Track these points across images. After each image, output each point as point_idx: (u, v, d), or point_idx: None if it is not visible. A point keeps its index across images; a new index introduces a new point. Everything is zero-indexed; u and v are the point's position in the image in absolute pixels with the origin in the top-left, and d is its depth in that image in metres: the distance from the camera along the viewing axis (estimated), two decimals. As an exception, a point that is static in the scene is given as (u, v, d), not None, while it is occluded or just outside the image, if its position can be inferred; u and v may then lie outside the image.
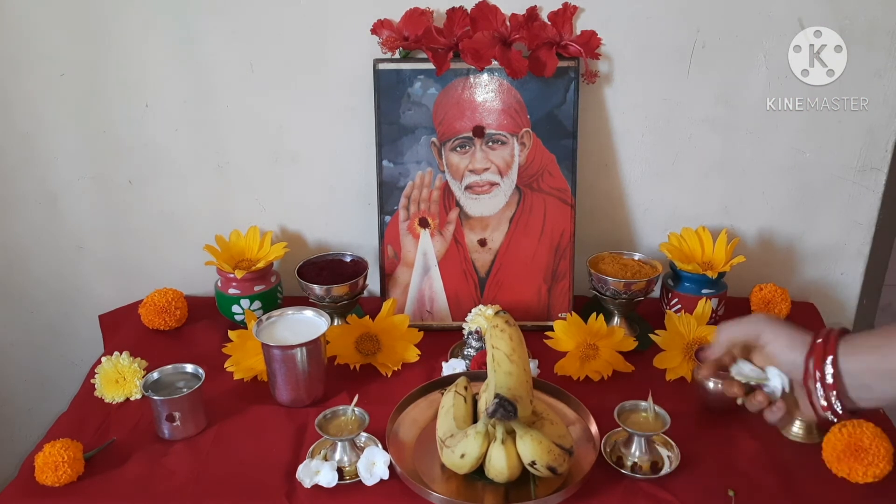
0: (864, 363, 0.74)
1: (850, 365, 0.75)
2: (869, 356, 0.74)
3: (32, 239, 1.38)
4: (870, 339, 0.75)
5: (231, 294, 1.22)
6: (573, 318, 1.16)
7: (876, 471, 0.90)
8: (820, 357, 0.76)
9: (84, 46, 1.22)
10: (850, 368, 0.75)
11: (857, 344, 0.75)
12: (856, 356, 0.75)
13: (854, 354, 0.75)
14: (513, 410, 0.86)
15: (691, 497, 0.90)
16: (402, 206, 1.24)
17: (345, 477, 0.92)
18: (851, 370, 0.75)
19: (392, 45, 1.17)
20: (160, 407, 0.99)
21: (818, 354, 0.76)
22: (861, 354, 0.75)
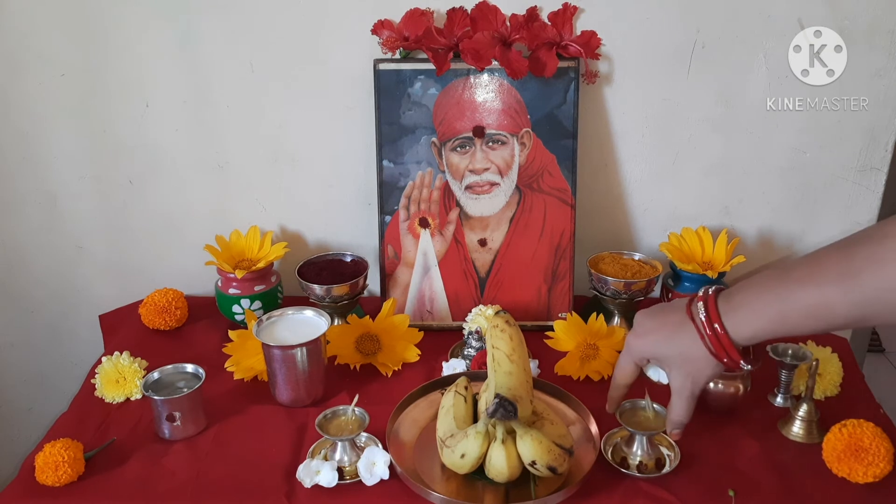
0: (762, 329, 0.74)
1: (745, 333, 0.75)
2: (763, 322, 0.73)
3: (32, 239, 1.38)
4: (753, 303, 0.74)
5: (231, 294, 1.22)
6: (573, 318, 1.16)
7: (876, 471, 0.90)
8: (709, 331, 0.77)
9: (84, 46, 1.22)
10: (747, 335, 0.75)
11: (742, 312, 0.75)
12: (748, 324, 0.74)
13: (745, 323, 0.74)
14: (513, 410, 0.86)
15: (691, 497, 0.90)
16: (403, 206, 1.24)
17: (345, 477, 0.92)
18: (750, 336, 0.75)
19: (392, 45, 1.17)
20: (160, 407, 0.99)
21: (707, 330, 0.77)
22: (753, 321, 0.74)
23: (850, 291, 0.64)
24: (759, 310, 0.72)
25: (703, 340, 0.76)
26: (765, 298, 0.72)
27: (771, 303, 0.71)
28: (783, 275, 0.71)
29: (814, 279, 0.67)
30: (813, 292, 0.67)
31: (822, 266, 0.67)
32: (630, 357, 0.86)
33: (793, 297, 0.69)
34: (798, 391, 1.07)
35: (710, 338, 0.76)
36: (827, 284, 0.66)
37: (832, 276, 0.65)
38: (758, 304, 0.73)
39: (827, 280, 0.66)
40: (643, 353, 0.84)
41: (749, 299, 0.74)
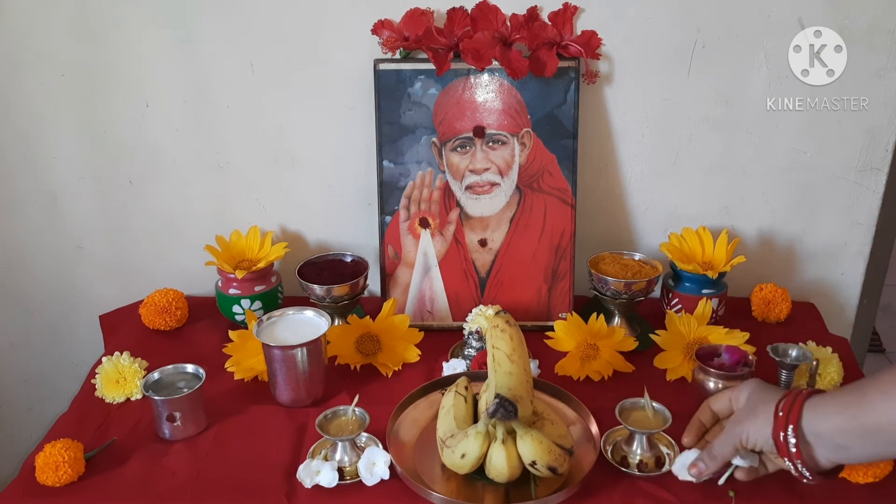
0: (834, 424, 0.75)
1: (819, 428, 0.76)
2: (837, 417, 0.75)
3: (32, 239, 1.38)
4: (837, 399, 0.76)
5: (231, 294, 1.22)
6: (573, 319, 1.16)
7: (876, 471, 0.90)
8: (782, 427, 0.77)
9: (84, 46, 1.22)
10: (819, 431, 0.76)
11: (824, 406, 0.76)
12: (824, 418, 0.76)
13: (822, 417, 0.76)
14: (513, 410, 0.86)
15: (691, 497, 0.90)
16: (403, 206, 1.24)
17: (345, 477, 0.92)
18: (821, 433, 0.76)
19: (392, 45, 1.17)
20: (160, 407, 0.99)
21: (781, 425, 0.78)
22: (829, 416, 0.75)
23: None
24: (840, 404, 0.74)
25: (777, 436, 0.78)
26: (849, 398, 0.75)
27: (853, 403, 0.74)
28: (870, 383, 0.74)
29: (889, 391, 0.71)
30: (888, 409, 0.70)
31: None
32: (734, 392, 0.87)
33: (876, 402, 0.71)
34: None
35: (784, 399, 0.78)
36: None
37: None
38: (840, 399, 0.75)
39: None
40: (742, 393, 0.85)
41: (834, 395, 0.76)
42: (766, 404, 0.80)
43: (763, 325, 1.26)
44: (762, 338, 1.15)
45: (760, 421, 0.80)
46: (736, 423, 0.83)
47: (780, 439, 0.78)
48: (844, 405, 0.74)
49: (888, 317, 2.46)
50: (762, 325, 1.26)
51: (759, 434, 0.80)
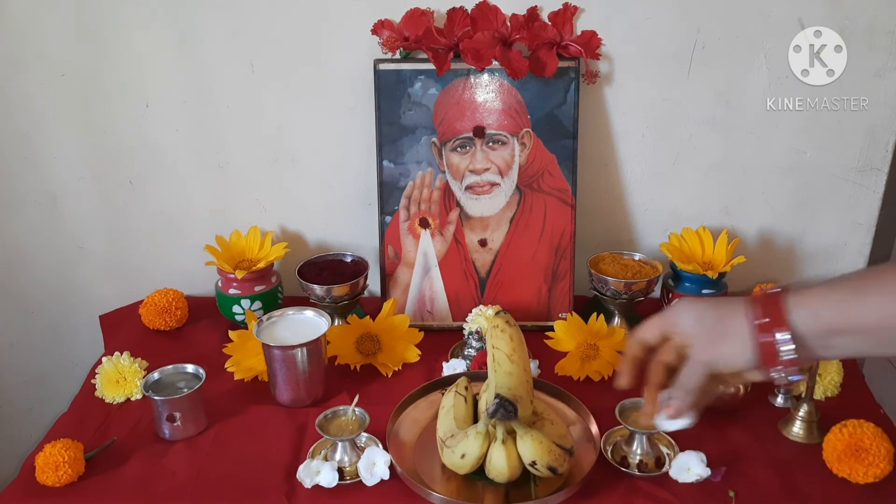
0: (829, 323, 0.67)
1: (813, 328, 0.67)
2: (833, 316, 0.67)
3: (32, 239, 1.38)
4: (827, 296, 0.68)
5: (231, 294, 1.22)
6: (573, 319, 1.16)
7: (876, 471, 0.90)
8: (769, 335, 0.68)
9: (84, 46, 1.22)
10: (813, 332, 0.67)
11: (813, 304, 0.67)
12: (816, 318, 0.67)
13: (813, 316, 0.67)
14: (513, 410, 0.86)
15: (691, 497, 0.90)
16: (403, 207, 1.24)
17: (345, 477, 0.92)
18: (816, 333, 0.67)
19: (392, 45, 1.17)
20: (160, 407, 0.99)
21: (768, 332, 0.68)
22: (823, 316, 0.67)
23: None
24: (827, 296, 0.67)
25: (754, 308, 0.68)
26: (835, 282, 0.67)
27: (841, 284, 0.67)
28: (858, 279, 0.68)
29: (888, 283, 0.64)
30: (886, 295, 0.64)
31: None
32: (666, 318, 0.76)
33: (869, 279, 0.66)
34: (798, 391, 1.07)
35: (759, 301, 0.68)
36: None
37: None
38: (828, 286, 0.67)
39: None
40: (682, 318, 0.74)
41: (820, 283, 0.68)
42: (731, 319, 0.70)
43: (763, 325, 1.26)
44: (762, 338, 1.15)
45: (733, 339, 0.70)
46: (702, 350, 0.72)
47: (768, 349, 0.68)
48: (840, 303, 0.66)
49: (888, 317, 2.45)
50: (762, 325, 1.26)
51: (736, 354, 0.70)
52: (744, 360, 0.71)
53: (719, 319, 0.72)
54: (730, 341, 0.70)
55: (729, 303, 0.72)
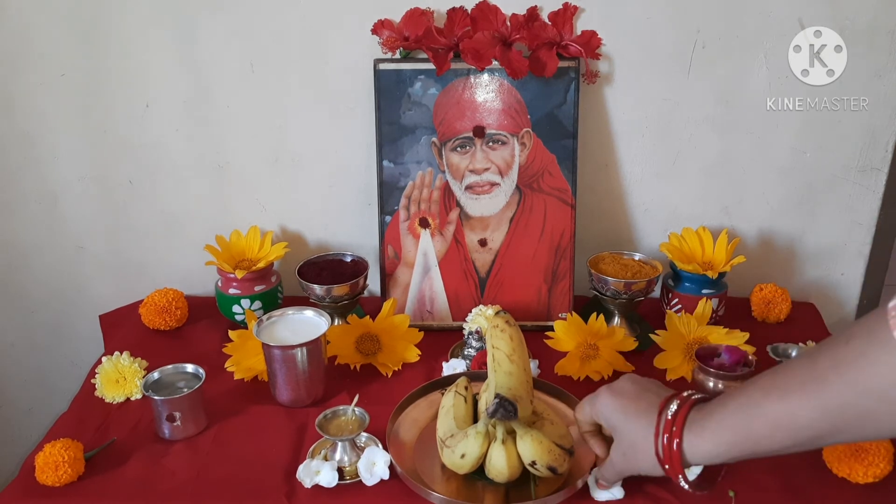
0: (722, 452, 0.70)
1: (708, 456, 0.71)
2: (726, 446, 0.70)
3: (32, 239, 1.38)
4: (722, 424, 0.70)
5: (231, 294, 1.22)
6: (573, 319, 1.16)
7: (876, 471, 0.90)
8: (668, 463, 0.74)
9: (84, 46, 1.22)
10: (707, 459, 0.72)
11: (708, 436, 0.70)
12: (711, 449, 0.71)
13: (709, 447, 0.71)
14: (513, 410, 0.86)
15: (691, 497, 0.90)
16: (403, 206, 1.24)
17: (345, 477, 0.92)
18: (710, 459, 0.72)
19: (392, 45, 1.17)
20: (160, 407, 0.99)
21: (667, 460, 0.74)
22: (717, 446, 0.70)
23: (814, 398, 0.60)
24: (723, 420, 0.69)
25: (657, 444, 0.73)
26: (730, 408, 0.68)
27: (734, 412, 0.68)
28: (749, 386, 0.67)
29: (777, 387, 0.63)
30: (776, 402, 0.63)
31: (788, 374, 0.63)
32: (591, 408, 0.83)
33: (756, 408, 0.65)
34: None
35: (664, 448, 0.73)
36: (791, 392, 0.61)
37: (796, 383, 0.61)
38: (723, 415, 0.69)
39: (791, 388, 0.62)
40: (604, 413, 0.81)
41: (716, 410, 0.70)
42: (641, 444, 0.76)
43: (763, 325, 1.26)
44: (762, 338, 1.15)
45: (644, 461, 0.77)
46: (618, 460, 0.81)
47: (675, 480, 0.75)
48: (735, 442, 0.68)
49: (888, 317, 2.45)
50: (762, 325, 1.26)
51: (648, 470, 0.78)
52: (653, 474, 0.78)
53: (634, 435, 0.77)
54: (642, 462, 0.77)
55: (642, 414, 0.77)
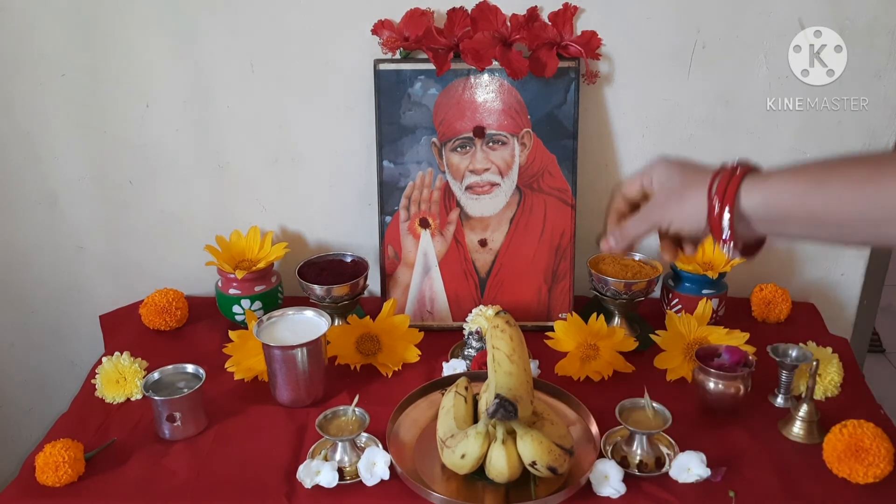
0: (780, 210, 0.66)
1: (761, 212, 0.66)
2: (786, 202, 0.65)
3: (32, 239, 1.38)
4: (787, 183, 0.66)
5: (231, 294, 1.22)
6: (573, 319, 1.16)
7: (877, 471, 0.90)
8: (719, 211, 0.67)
9: (84, 46, 1.22)
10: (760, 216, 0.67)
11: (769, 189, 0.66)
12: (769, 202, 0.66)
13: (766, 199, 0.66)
14: (513, 411, 0.86)
15: (691, 497, 0.90)
16: (403, 207, 1.24)
17: (345, 477, 0.92)
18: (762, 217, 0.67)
19: (392, 45, 1.17)
20: (161, 407, 0.99)
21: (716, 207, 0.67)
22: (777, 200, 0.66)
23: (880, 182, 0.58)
24: (794, 173, 0.65)
25: (714, 178, 0.68)
26: (803, 168, 0.65)
27: (807, 168, 0.65)
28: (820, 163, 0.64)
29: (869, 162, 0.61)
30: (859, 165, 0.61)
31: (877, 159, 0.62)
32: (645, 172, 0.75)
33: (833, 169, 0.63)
34: (798, 392, 1.07)
35: (721, 182, 0.67)
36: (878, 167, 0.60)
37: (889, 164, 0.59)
38: (793, 170, 0.65)
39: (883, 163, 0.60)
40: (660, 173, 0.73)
41: (787, 168, 0.66)
42: (692, 188, 0.70)
43: (763, 325, 1.26)
44: (762, 338, 1.15)
45: (689, 206, 0.70)
46: (657, 206, 0.73)
47: (716, 225, 0.68)
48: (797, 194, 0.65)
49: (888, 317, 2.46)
50: (762, 325, 1.26)
51: (687, 219, 0.71)
52: (694, 228, 0.71)
53: (683, 185, 0.71)
54: (686, 207, 0.71)
55: (697, 172, 0.71)
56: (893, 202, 0.60)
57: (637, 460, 0.94)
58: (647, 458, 0.94)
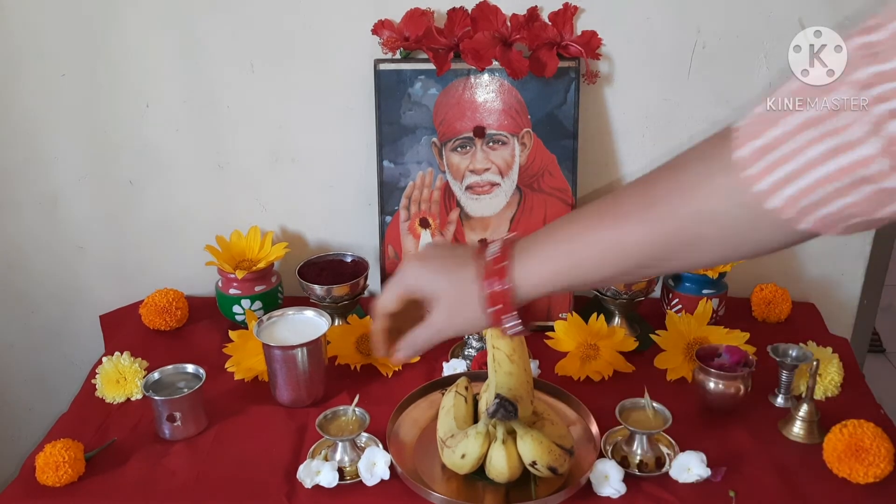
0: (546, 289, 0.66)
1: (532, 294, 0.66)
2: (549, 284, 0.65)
3: (32, 239, 1.38)
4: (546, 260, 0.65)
5: (232, 294, 1.22)
6: (574, 319, 1.16)
7: (877, 471, 0.90)
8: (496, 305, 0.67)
9: (84, 46, 1.22)
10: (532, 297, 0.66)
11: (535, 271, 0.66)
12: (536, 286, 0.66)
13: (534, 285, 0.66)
14: (513, 410, 0.86)
15: (691, 497, 0.90)
16: (403, 207, 1.24)
17: (345, 477, 0.92)
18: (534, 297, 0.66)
19: (393, 45, 1.17)
20: (161, 407, 0.99)
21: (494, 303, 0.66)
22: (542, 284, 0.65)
23: (648, 223, 0.57)
24: (551, 250, 0.64)
25: (482, 284, 0.66)
26: (558, 237, 0.64)
27: (563, 242, 0.63)
28: (579, 214, 0.64)
29: (611, 213, 0.60)
30: (608, 228, 0.60)
31: (623, 200, 0.60)
32: (400, 283, 0.72)
33: (586, 235, 0.62)
34: (798, 392, 1.07)
35: (490, 281, 0.66)
36: (623, 218, 0.59)
37: (631, 209, 0.58)
38: (550, 245, 0.64)
39: (623, 213, 0.59)
40: (418, 281, 0.71)
41: (543, 240, 0.66)
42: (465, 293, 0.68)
43: (763, 325, 1.26)
44: (762, 338, 1.15)
45: (471, 316, 0.68)
46: (439, 320, 0.70)
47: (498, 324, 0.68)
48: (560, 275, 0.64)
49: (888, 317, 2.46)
50: (762, 325, 1.26)
51: (471, 328, 0.71)
52: (477, 328, 0.71)
53: (455, 288, 0.69)
54: (467, 313, 0.69)
55: (459, 267, 0.69)
56: (636, 261, 0.60)
57: (637, 460, 0.94)
58: (647, 458, 0.94)
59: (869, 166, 0.47)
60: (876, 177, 0.47)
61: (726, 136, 0.54)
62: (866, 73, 0.47)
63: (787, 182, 0.51)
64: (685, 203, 0.56)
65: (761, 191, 0.52)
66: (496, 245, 0.68)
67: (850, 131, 0.48)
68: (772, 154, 0.52)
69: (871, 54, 0.47)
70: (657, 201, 0.58)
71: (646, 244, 0.58)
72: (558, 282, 0.65)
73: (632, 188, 0.62)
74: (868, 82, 0.47)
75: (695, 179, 0.56)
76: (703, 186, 0.56)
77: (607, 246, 0.61)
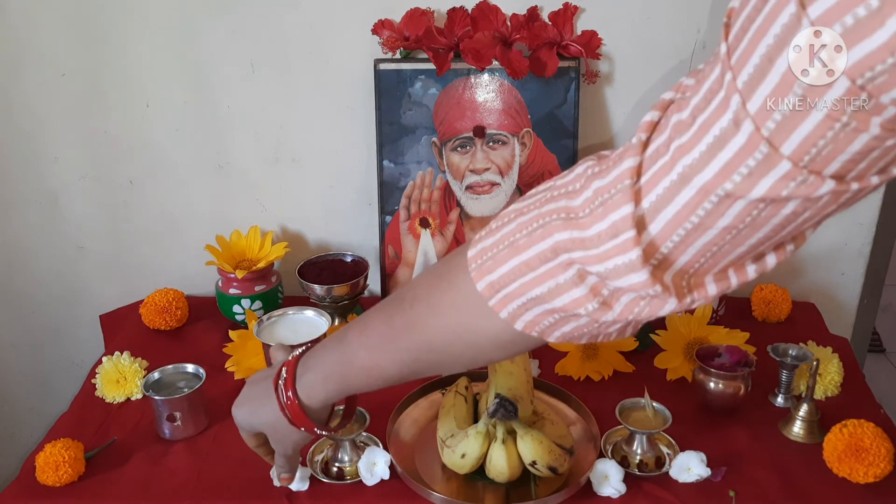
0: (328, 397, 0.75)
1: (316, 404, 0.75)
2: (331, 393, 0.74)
3: (32, 239, 1.38)
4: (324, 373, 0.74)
5: (232, 294, 1.22)
6: (573, 318, 1.16)
7: (877, 471, 0.90)
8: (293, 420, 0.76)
9: (84, 46, 1.22)
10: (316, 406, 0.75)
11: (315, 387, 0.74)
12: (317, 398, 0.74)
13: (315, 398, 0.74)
14: (513, 410, 0.86)
15: (691, 497, 0.90)
16: (403, 206, 1.24)
17: (345, 477, 0.92)
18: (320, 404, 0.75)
19: (393, 45, 1.17)
20: (161, 407, 0.99)
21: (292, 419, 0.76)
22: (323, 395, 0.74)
23: (393, 353, 0.67)
24: (325, 373, 0.73)
25: (283, 411, 0.75)
26: (328, 361, 0.74)
27: (333, 365, 0.73)
28: (342, 337, 0.73)
29: (363, 343, 0.70)
30: (364, 356, 0.69)
31: (369, 331, 0.70)
32: (239, 427, 0.84)
33: (349, 360, 0.71)
34: (799, 391, 1.07)
35: (287, 407, 0.75)
36: (373, 349, 0.69)
37: (377, 341, 0.68)
38: (323, 368, 0.74)
39: (373, 345, 0.69)
40: (243, 423, 0.82)
41: (317, 363, 0.74)
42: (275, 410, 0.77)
43: (763, 325, 1.26)
44: (762, 338, 1.15)
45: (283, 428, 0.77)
46: (279, 446, 0.82)
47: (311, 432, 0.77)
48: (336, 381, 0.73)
49: (888, 317, 2.46)
50: (762, 325, 1.26)
51: (296, 445, 0.81)
52: (309, 439, 0.80)
53: (270, 422, 0.78)
54: (292, 436, 0.78)
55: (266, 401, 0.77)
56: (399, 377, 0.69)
57: (637, 460, 0.94)
58: (647, 458, 0.94)
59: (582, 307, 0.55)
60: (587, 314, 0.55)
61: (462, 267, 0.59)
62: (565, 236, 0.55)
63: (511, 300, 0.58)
64: (417, 339, 0.66)
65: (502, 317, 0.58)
66: (284, 370, 0.76)
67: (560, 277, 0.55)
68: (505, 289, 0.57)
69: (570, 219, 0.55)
70: (395, 338, 0.67)
71: (397, 370, 0.68)
72: (337, 393, 0.74)
73: (379, 318, 0.69)
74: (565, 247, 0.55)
75: (426, 317, 0.64)
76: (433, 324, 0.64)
77: (366, 368, 0.70)
